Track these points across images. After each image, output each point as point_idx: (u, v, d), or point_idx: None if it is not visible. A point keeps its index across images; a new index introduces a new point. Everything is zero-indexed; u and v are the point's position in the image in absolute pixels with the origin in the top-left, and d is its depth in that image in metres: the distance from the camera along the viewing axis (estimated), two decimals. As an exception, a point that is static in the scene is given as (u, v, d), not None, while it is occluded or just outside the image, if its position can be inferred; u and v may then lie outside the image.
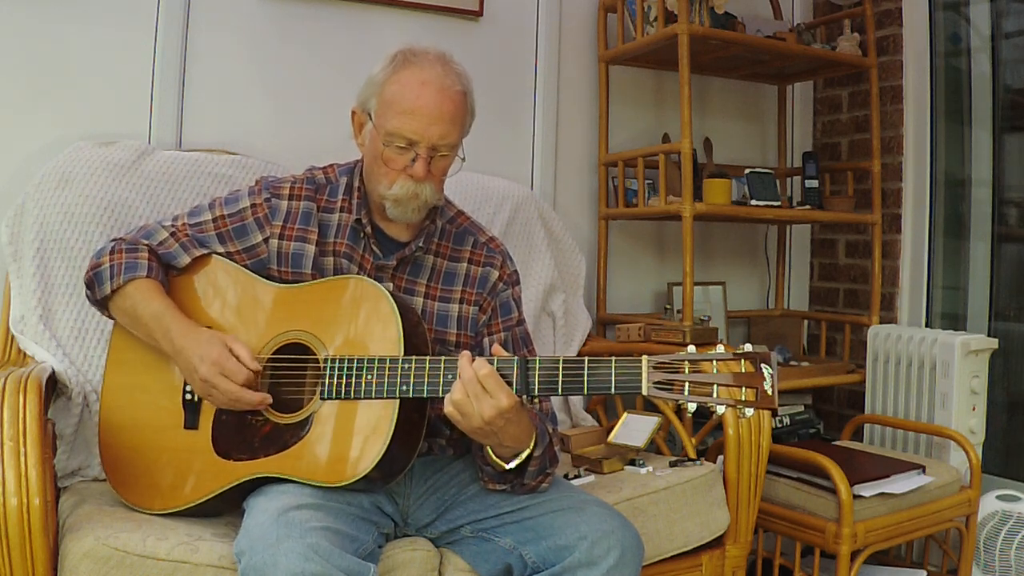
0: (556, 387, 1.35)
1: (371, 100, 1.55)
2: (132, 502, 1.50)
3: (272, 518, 1.29)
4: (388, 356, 1.42)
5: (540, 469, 1.48)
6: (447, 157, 1.54)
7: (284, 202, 1.60)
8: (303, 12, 2.34)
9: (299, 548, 1.23)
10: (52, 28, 2.06)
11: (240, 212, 1.60)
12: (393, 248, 1.61)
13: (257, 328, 1.52)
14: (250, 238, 1.59)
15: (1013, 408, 2.79)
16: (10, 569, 1.26)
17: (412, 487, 1.58)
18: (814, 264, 3.22)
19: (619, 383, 1.33)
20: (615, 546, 1.39)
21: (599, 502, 1.50)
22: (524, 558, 1.44)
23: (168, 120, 2.17)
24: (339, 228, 1.60)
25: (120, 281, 1.51)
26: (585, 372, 1.34)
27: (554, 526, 1.43)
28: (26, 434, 1.31)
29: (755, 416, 1.95)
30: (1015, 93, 2.88)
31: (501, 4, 2.60)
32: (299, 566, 1.21)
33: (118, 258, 1.53)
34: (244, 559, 1.26)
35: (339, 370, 1.44)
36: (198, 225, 1.60)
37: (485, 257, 1.66)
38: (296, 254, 1.58)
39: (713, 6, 2.51)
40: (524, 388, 1.35)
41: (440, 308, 1.62)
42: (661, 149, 2.53)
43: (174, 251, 1.57)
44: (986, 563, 2.34)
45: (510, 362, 1.36)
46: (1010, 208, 2.89)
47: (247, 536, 1.29)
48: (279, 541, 1.24)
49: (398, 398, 1.41)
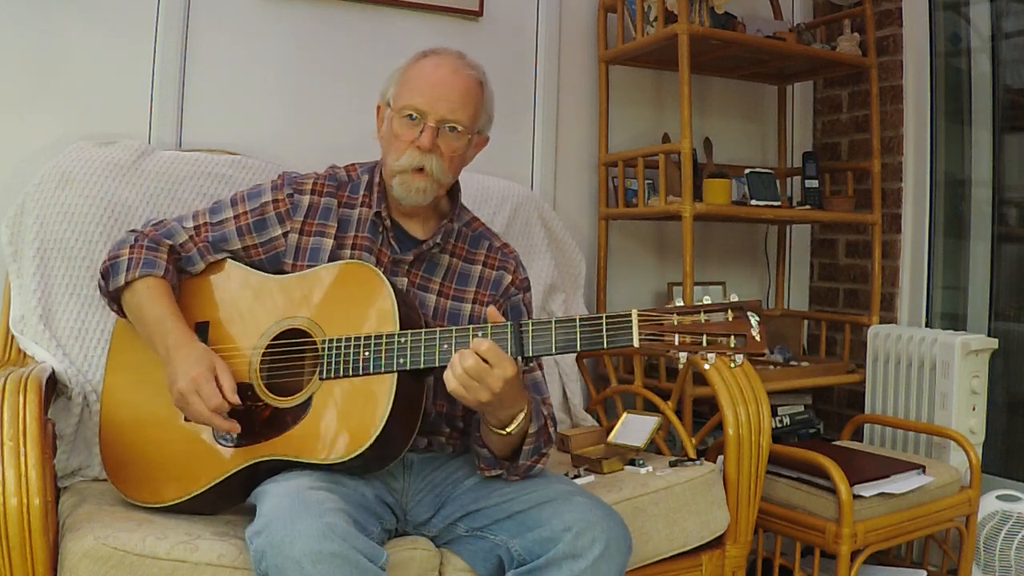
0: (550, 346, 1.37)
1: (391, 89, 1.62)
2: (136, 498, 1.50)
3: (289, 498, 1.30)
4: (384, 332, 1.44)
5: (535, 448, 1.49)
6: (458, 136, 1.58)
7: (306, 197, 1.63)
8: (303, 12, 2.34)
9: (317, 526, 1.23)
10: (52, 28, 2.06)
11: (261, 206, 1.62)
12: (411, 244, 1.64)
13: (256, 318, 1.54)
14: (269, 232, 1.61)
15: (1013, 408, 2.79)
16: (10, 569, 1.26)
17: (410, 483, 1.58)
18: (814, 264, 3.22)
19: (610, 337, 1.35)
20: (600, 537, 1.38)
21: (585, 493, 1.49)
22: (511, 551, 1.44)
23: (168, 120, 2.17)
24: (359, 222, 1.63)
25: (136, 275, 1.52)
26: (577, 329, 1.37)
27: (540, 518, 1.43)
28: (26, 434, 1.31)
29: (755, 416, 1.95)
30: (1015, 93, 2.88)
31: (501, 4, 2.60)
32: (317, 544, 1.21)
33: (138, 253, 1.54)
34: (259, 539, 1.26)
35: (337, 350, 1.45)
36: (219, 224, 1.61)
37: (500, 261, 1.69)
38: (314, 248, 1.60)
39: (713, 6, 2.51)
40: (519, 350, 1.37)
41: (452, 307, 1.64)
42: (661, 149, 2.53)
43: (191, 256, 1.59)
44: (986, 563, 2.34)
45: (504, 327, 1.39)
46: (1010, 208, 2.89)
47: (263, 516, 1.29)
48: (297, 519, 1.24)
49: (396, 371, 1.42)
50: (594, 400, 2.47)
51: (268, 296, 1.56)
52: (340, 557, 1.22)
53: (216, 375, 1.44)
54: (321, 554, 1.21)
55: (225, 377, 1.44)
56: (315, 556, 1.21)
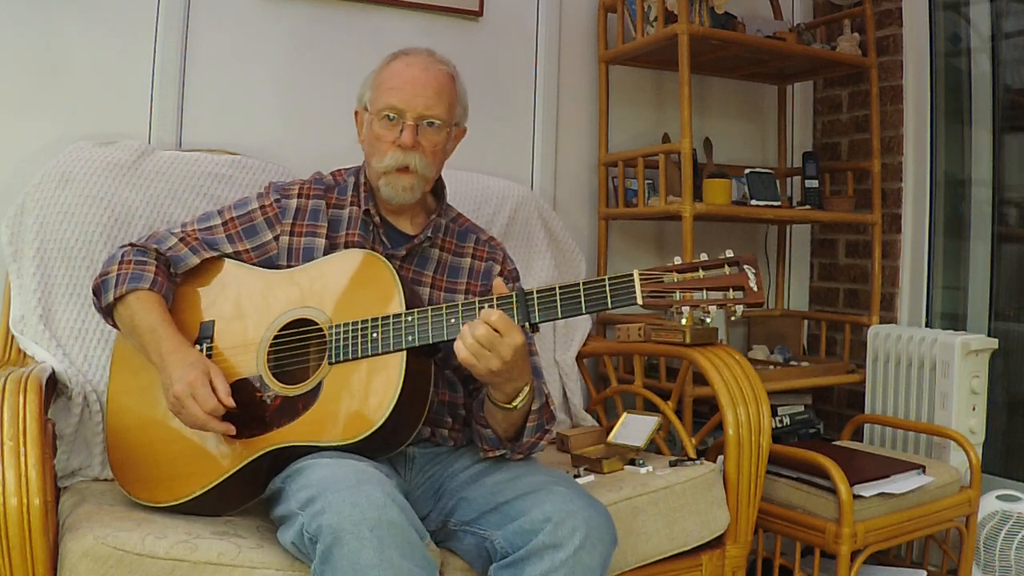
0: (556, 310, 1.39)
1: (366, 93, 1.67)
2: (144, 499, 1.50)
3: (344, 467, 1.32)
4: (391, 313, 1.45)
5: (538, 426, 1.53)
6: (437, 130, 1.61)
7: (293, 201, 1.66)
8: (303, 12, 2.34)
9: (380, 493, 1.26)
10: (52, 28, 2.06)
11: (249, 213, 1.66)
12: (401, 240, 1.67)
13: (261, 312, 1.56)
14: (259, 236, 1.64)
15: (1013, 408, 2.79)
16: (10, 569, 1.26)
17: (413, 477, 1.61)
18: (814, 264, 3.22)
19: (614, 297, 1.38)
20: (580, 527, 1.38)
21: (568, 482, 1.50)
22: (495, 543, 1.44)
23: (168, 120, 2.17)
24: (350, 221, 1.66)
25: (123, 290, 1.54)
26: (581, 292, 1.39)
27: (521, 508, 1.43)
28: (26, 434, 1.31)
29: (755, 416, 1.95)
30: (1015, 93, 2.88)
31: (501, 4, 2.60)
32: (378, 511, 1.24)
33: (126, 268, 1.56)
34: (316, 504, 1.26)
35: (344, 335, 1.47)
36: (208, 229, 1.65)
37: (488, 253, 1.75)
38: (307, 248, 1.63)
39: (713, 6, 2.51)
40: (525, 317, 1.40)
41: (447, 298, 1.67)
42: (661, 149, 2.53)
43: (183, 254, 1.61)
44: (986, 563, 2.34)
45: (509, 298, 1.41)
46: (1010, 208, 2.89)
47: (314, 485, 1.29)
48: (361, 484, 1.27)
49: (404, 349, 1.43)
50: (594, 400, 2.47)
51: (272, 289, 1.58)
52: (397, 527, 1.25)
53: (210, 378, 1.45)
54: (381, 520, 1.23)
55: (219, 380, 1.45)
56: (374, 522, 1.23)
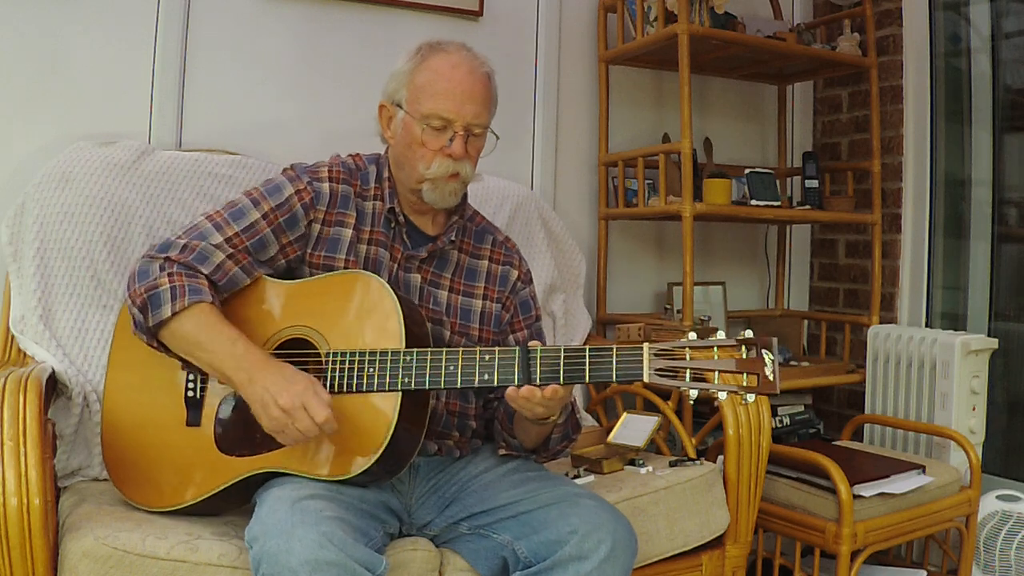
0: (558, 376, 1.37)
1: (400, 91, 1.58)
2: (135, 500, 1.50)
3: (286, 506, 1.29)
4: (390, 349, 1.43)
5: (564, 435, 1.57)
6: (480, 137, 1.59)
7: (325, 184, 1.59)
8: (303, 12, 2.34)
9: (314, 535, 1.23)
10: (52, 28, 2.06)
11: (287, 201, 1.55)
12: (421, 241, 1.64)
13: (258, 325, 1.52)
14: (299, 226, 1.56)
15: (1013, 408, 2.79)
16: (10, 569, 1.27)
17: (415, 486, 1.58)
18: (814, 264, 3.22)
19: (620, 372, 1.34)
20: (606, 539, 1.39)
21: (592, 496, 1.50)
22: (517, 552, 1.44)
23: (168, 120, 2.17)
24: (374, 216, 1.62)
25: (184, 303, 1.41)
26: (587, 361, 1.36)
27: (546, 520, 1.43)
28: (26, 434, 1.31)
29: (755, 416, 1.95)
30: (1015, 93, 2.88)
31: (501, 4, 2.60)
32: (314, 553, 1.22)
33: (178, 280, 1.43)
34: (257, 545, 1.26)
35: (341, 364, 1.44)
36: (251, 230, 1.51)
37: (504, 256, 1.72)
38: (333, 239, 1.58)
39: (713, 6, 2.51)
40: (526, 377, 1.37)
41: (464, 303, 1.65)
42: (661, 149, 2.54)
43: (233, 275, 1.49)
44: (986, 563, 2.34)
45: (511, 353, 1.38)
46: (1010, 208, 2.89)
47: (260, 523, 1.29)
48: (293, 528, 1.24)
49: (400, 391, 1.41)
50: (594, 400, 2.47)
51: (271, 304, 1.54)
52: (337, 566, 1.22)
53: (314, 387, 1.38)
54: (318, 563, 1.21)
55: (321, 390, 1.38)
56: (312, 565, 1.21)
